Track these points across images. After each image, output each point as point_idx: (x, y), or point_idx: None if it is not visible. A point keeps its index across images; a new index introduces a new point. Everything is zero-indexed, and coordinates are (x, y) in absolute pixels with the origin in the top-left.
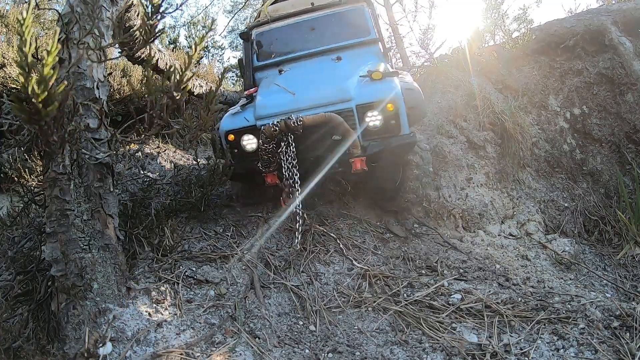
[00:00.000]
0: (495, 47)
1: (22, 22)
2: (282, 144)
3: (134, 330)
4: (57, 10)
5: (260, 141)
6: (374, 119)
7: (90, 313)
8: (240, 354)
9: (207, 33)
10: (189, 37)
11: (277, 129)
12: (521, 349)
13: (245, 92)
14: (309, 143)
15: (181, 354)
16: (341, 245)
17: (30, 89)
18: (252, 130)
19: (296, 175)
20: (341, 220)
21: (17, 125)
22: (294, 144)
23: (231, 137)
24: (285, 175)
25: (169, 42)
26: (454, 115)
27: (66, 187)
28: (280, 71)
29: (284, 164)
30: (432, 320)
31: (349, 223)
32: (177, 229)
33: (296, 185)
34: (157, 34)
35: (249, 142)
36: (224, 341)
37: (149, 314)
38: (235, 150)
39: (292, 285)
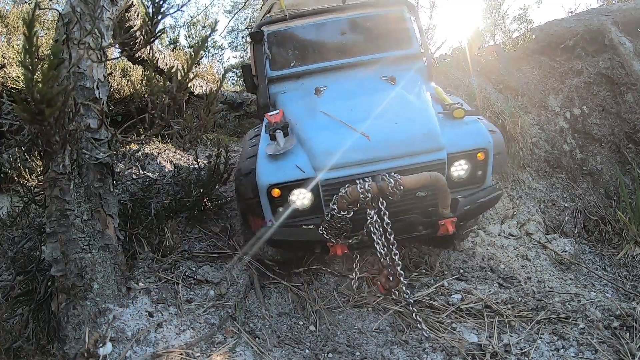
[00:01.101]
0: (495, 47)
1: (26, 22)
2: (372, 211)
3: (134, 330)
4: (57, 10)
5: (333, 206)
6: (459, 168)
7: (90, 313)
8: (240, 354)
9: (210, 34)
10: (189, 37)
11: (368, 194)
12: (521, 349)
13: (271, 119)
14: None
15: (181, 354)
16: None
17: (33, 89)
18: (307, 183)
19: (396, 255)
20: None
21: (17, 125)
22: (387, 212)
23: (276, 192)
24: (381, 253)
25: (169, 42)
26: None
27: (66, 187)
28: (317, 91)
29: (377, 238)
30: (432, 320)
31: None
32: (177, 229)
33: (399, 266)
34: (158, 35)
35: (301, 198)
36: (224, 341)
37: (149, 314)
38: (280, 209)
39: (292, 285)
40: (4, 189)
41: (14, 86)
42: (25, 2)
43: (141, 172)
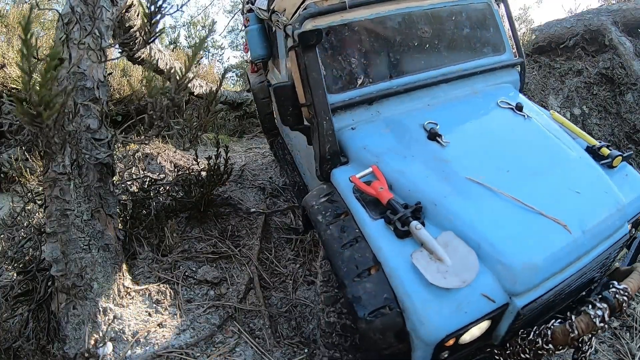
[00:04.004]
0: None
1: (23, 24)
2: (591, 339)
3: (134, 330)
4: (57, 11)
5: (546, 345)
6: None
7: (90, 313)
8: (240, 354)
9: (207, 36)
10: (189, 37)
11: (603, 324)
12: None
13: (372, 191)
14: None
15: (181, 354)
16: None
17: (31, 91)
18: (496, 315)
19: None
20: None
21: (17, 125)
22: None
23: (451, 342)
24: None
25: (169, 42)
26: None
27: (66, 187)
28: (435, 136)
29: None
30: None
31: None
32: (177, 229)
33: None
34: (157, 34)
35: (474, 331)
36: (224, 341)
37: (149, 314)
38: (445, 354)
39: (292, 285)
40: (4, 189)
41: (14, 86)
42: (26, 2)
43: (141, 172)
